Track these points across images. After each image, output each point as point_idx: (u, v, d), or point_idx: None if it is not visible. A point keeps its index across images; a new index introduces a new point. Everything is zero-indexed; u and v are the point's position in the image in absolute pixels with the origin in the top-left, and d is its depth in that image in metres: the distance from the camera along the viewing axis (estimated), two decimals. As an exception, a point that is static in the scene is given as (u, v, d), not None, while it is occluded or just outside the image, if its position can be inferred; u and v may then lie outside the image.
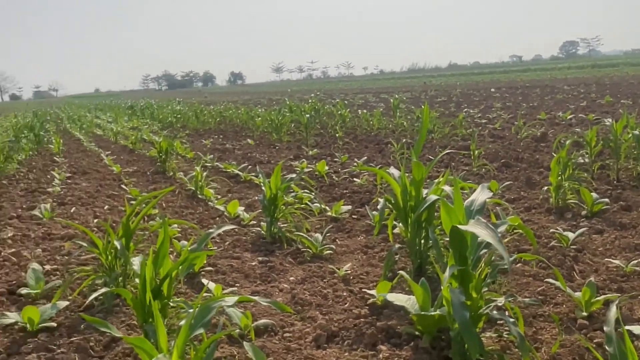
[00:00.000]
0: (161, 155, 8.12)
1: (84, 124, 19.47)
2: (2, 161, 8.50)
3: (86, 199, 6.20)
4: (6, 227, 4.98)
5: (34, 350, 2.60)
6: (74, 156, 10.69)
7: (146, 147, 11.20)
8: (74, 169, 8.67)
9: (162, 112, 21.37)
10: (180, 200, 6.01)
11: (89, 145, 12.40)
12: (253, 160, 8.59)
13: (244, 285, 3.42)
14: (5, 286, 3.44)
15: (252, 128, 13.52)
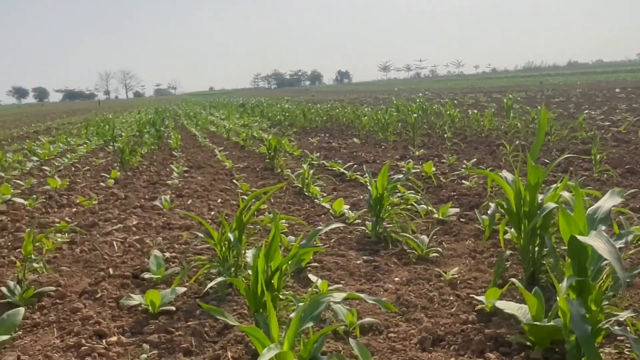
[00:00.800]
0: (270, 152, 8.39)
1: (199, 120, 20.57)
2: (128, 154, 9.18)
3: (201, 192, 6.56)
4: (131, 216, 5.40)
5: (155, 331, 2.80)
6: (190, 151, 11.33)
7: (256, 144, 11.63)
8: (190, 163, 9.19)
9: (271, 110, 22.06)
10: (288, 196, 6.18)
11: (204, 141, 13.07)
12: (359, 159, 8.64)
13: (348, 283, 3.46)
14: (130, 270, 3.73)
15: (358, 127, 13.59)
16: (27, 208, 6.10)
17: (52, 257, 4.15)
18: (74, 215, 5.68)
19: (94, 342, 2.68)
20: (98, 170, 8.94)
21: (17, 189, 7.32)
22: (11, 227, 5.23)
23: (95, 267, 3.88)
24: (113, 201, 6.27)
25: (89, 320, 2.93)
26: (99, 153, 11.71)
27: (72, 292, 3.39)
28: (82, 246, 4.40)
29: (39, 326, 2.95)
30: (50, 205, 6.22)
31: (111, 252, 4.21)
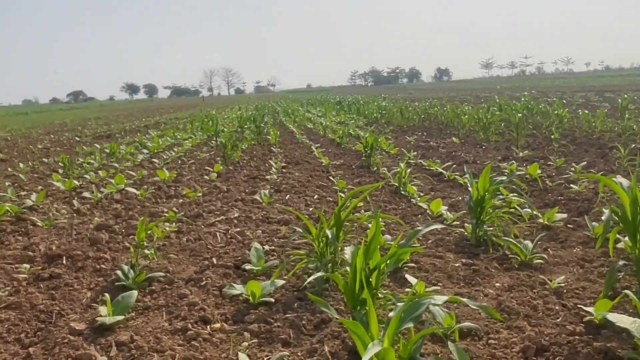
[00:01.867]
0: (366, 150, 8.40)
1: (296, 117, 20.98)
2: (230, 149, 9.56)
3: (298, 188, 6.69)
4: (233, 209, 5.62)
5: (255, 321, 2.90)
6: (288, 147, 11.59)
7: (352, 141, 11.69)
8: (288, 159, 9.41)
9: (368, 108, 22.05)
10: (384, 195, 6.16)
11: (301, 137, 13.32)
12: (458, 159, 8.43)
13: (446, 286, 3.39)
14: (232, 261, 3.89)
15: (458, 126, 13.27)
16: (139, 198, 6.53)
17: (161, 244, 4.41)
18: (181, 206, 6.00)
19: (199, 327, 2.83)
20: (202, 164, 9.38)
21: (130, 180, 7.86)
22: (125, 215, 5.62)
23: (200, 256, 4.08)
24: (216, 194, 6.56)
25: (194, 306, 3.09)
26: (203, 147, 12.27)
27: (179, 278, 3.59)
28: (188, 235, 4.64)
29: (150, 309, 3.15)
30: (160, 196, 6.62)
31: (214, 243, 4.41)
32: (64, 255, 4.17)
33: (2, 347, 2.75)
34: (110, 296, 3.06)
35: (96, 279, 3.69)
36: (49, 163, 10.84)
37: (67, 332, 2.81)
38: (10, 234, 5.10)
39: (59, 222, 5.43)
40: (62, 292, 3.44)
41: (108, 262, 4.02)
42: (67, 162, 9.15)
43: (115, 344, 2.67)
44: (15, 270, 3.92)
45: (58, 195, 6.99)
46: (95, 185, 7.50)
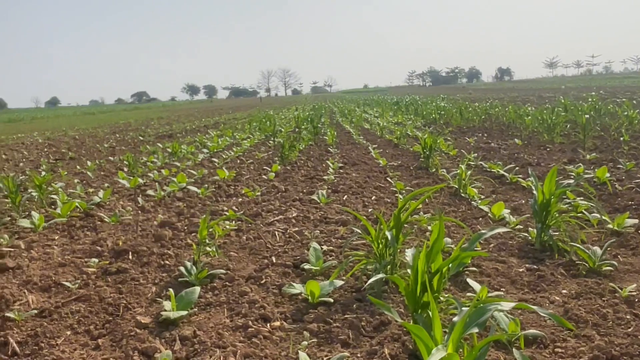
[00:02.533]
0: (425, 151, 8.29)
1: (353, 117, 20.95)
2: (287, 149, 9.64)
3: (356, 189, 6.67)
4: (291, 208, 5.66)
5: (314, 320, 2.91)
6: (345, 148, 11.58)
7: (409, 142, 11.56)
8: (345, 160, 9.40)
9: (426, 108, 21.76)
10: (443, 197, 6.06)
11: (358, 138, 13.29)
12: (520, 161, 8.19)
13: (509, 291, 3.30)
14: (291, 260, 3.92)
15: (520, 127, 12.90)
16: (200, 196, 6.69)
17: (221, 242, 4.50)
18: (240, 204, 6.10)
19: (260, 325, 2.86)
20: (260, 164, 9.51)
21: (191, 178, 8.06)
22: (187, 213, 5.76)
23: (259, 255, 4.13)
24: (274, 193, 6.63)
25: (254, 304, 3.13)
26: (261, 147, 12.44)
27: (239, 276, 3.64)
28: (248, 234, 4.71)
29: (211, 305, 3.22)
30: (219, 195, 6.75)
31: (273, 242, 4.46)
32: (130, 250, 4.32)
33: (73, 338, 2.87)
34: (174, 291, 3.15)
35: (160, 274, 3.80)
36: (114, 161, 11.26)
37: (133, 325, 2.91)
38: (80, 229, 5.33)
39: (124, 218, 5.63)
40: (128, 286, 3.56)
41: (171, 258, 4.13)
42: (132, 160, 9.48)
43: (179, 339, 2.74)
44: (84, 264, 4.09)
45: (123, 193, 7.25)
46: (159, 184, 7.74)
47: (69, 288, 3.57)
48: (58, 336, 2.86)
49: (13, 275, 3.90)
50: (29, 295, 3.44)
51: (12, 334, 2.87)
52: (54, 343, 2.79)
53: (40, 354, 2.67)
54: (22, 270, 4.02)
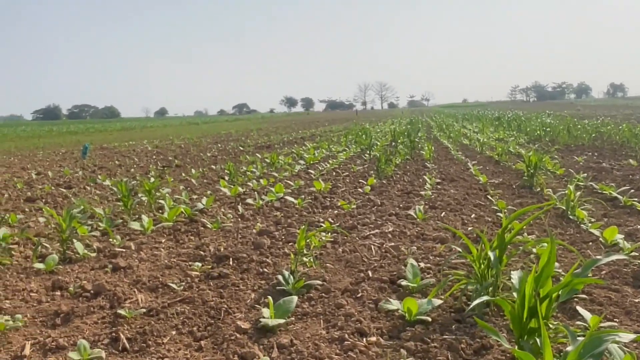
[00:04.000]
0: (529, 169, 7.93)
1: (451, 132, 20.51)
2: (384, 163, 9.60)
3: (454, 206, 6.50)
4: (387, 223, 5.61)
5: (411, 338, 2.85)
6: (442, 163, 11.35)
7: (512, 159, 11.12)
8: (443, 176, 9.21)
9: (530, 124, 20.88)
10: (549, 218, 5.75)
11: (456, 153, 12.98)
12: (636, 183, 7.61)
13: (623, 322, 3.06)
14: (387, 275, 3.88)
15: (635, 147, 12.02)
16: (297, 206, 6.80)
17: (318, 253, 4.54)
18: (336, 217, 6.14)
19: (356, 339, 2.85)
20: (356, 177, 9.54)
21: (288, 189, 8.23)
22: (284, 222, 5.88)
23: (355, 268, 4.12)
24: (370, 207, 6.61)
25: (351, 317, 3.12)
26: (357, 160, 12.48)
27: (335, 288, 3.65)
28: (344, 246, 4.72)
29: (308, 315, 3.24)
30: (316, 206, 6.83)
31: (369, 256, 4.43)
32: (231, 256, 4.47)
33: (178, 338, 3.00)
34: (272, 299, 3.21)
35: (259, 281, 3.90)
36: (216, 170, 11.75)
37: (233, 330, 3.00)
38: (184, 233, 5.59)
39: (225, 225, 5.84)
40: (229, 291, 3.68)
41: (270, 266, 4.22)
42: (233, 170, 9.85)
43: (277, 346, 2.79)
44: (189, 267, 4.28)
45: (225, 200, 7.53)
46: (257, 193, 7.97)
47: (175, 289, 3.74)
48: (164, 335, 3.01)
49: (124, 275, 4.16)
50: (138, 294, 3.64)
51: (123, 330, 3.05)
52: (160, 342, 2.93)
53: (148, 352, 2.82)
54: (133, 270, 4.27)
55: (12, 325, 3.15)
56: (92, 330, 3.12)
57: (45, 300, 3.65)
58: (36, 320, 3.31)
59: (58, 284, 3.94)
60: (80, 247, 4.78)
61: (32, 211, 7.24)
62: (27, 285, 4.00)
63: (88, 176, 11.15)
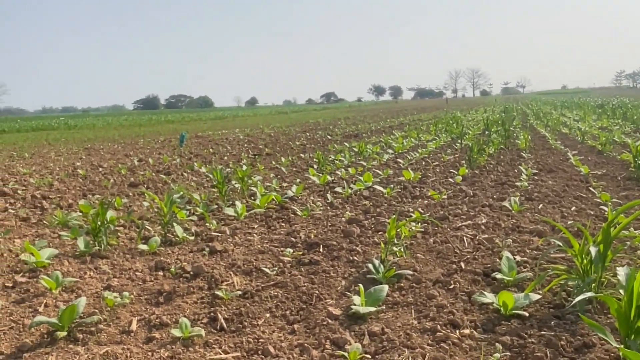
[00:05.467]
0: (636, 159, 7.41)
1: (549, 121, 19.55)
2: (476, 153, 9.31)
3: (552, 197, 6.21)
4: (480, 214, 5.46)
5: (507, 333, 2.76)
6: (540, 153, 10.85)
7: (616, 149, 10.45)
8: (540, 166, 8.80)
9: (637, 112, 19.46)
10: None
11: (554, 143, 12.35)
12: None
13: None
14: (481, 268, 3.78)
15: None
16: (385, 196, 6.77)
17: (408, 243, 4.50)
18: (426, 207, 6.05)
19: (448, 331, 2.80)
20: (446, 166, 9.33)
21: (377, 178, 8.20)
22: (373, 211, 5.87)
23: (447, 259, 4.05)
24: (461, 197, 6.45)
25: (443, 308, 3.08)
26: (447, 149, 12.20)
27: (426, 279, 3.61)
28: (435, 237, 4.65)
29: (399, 305, 3.23)
30: (405, 195, 6.77)
31: (461, 247, 4.33)
32: (321, 244, 4.53)
33: (272, 321, 3.09)
34: (362, 287, 3.22)
35: (349, 269, 3.92)
36: (305, 158, 11.92)
37: (325, 315, 3.04)
38: (275, 220, 5.73)
39: (315, 213, 5.92)
40: (320, 277, 3.74)
41: (359, 254, 4.24)
42: (321, 158, 9.95)
43: (368, 334, 2.80)
44: (280, 253, 4.39)
45: (314, 189, 7.64)
46: (346, 181, 8.00)
47: (268, 274, 3.85)
48: (259, 317, 3.11)
49: (220, 258, 4.34)
50: (234, 277, 3.79)
51: (220, 311, 3.18)
52: (255, 323, 3.03)
53: (244, 332, 2.93)
54: (228, 253, 4.44)
55: (120, 301, 3.38)
56: (192, 310, 3.29)
57: (149, 280, 3.88)
58: (141, 298, 3.53)
59: (160, 264, 4.18)
60: (180, 231, 5.03)
61: (135, 195, 7.70)
62: (132, 265, 4.27)
63: (185, 163, 11.69)
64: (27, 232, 5.55)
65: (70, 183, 9.03)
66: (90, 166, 11.61)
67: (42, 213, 6.54)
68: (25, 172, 10.74)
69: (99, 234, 4.73)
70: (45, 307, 3.38)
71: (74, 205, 7.01)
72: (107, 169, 11.12)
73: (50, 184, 8.91)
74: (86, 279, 3.95)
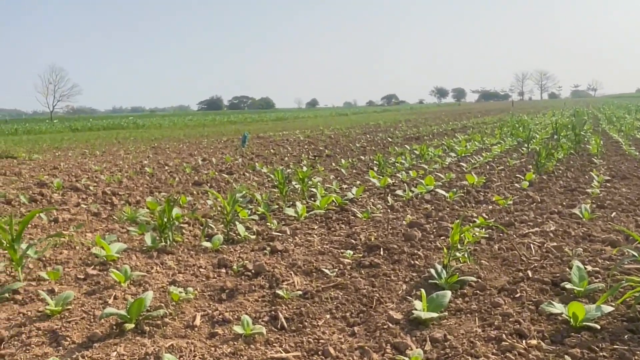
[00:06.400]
0: None
1: (622, 125, 18.64)
2: (544, 157, 8.99)
3: (626, 206, 5.90)
4: (548, 221, 5.26)
5: (576, 345, 2.64)
6: (612, 159, 10.35)
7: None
8: (613, 173, 8.40)
9: None
10: None
11: (629, 149, 11.75)
12: None
13: None
14: (549, 276, 3.63)
15: None
16: (448, 200, 6.64)
17: (471, 249, 4.39)
18: (490, 212, 5.89)
19: (514, 340, 2.71)
20: (512, 171, 9.06)
21: (439, 181, 8.06)
22: (435, 215, 5.77)
23: (512, 267, 3.92)
24: (528, 203, 6.24)
25: (508, 317, 2.98)
26: (513, 154, 11.85)
27: (491, 286, 3.51)
28: (500, 244, 4.51)
29: (462, 312, 3.15)
30: (468, 200, 6.61)
31: (528, 255, 4.18)
32: (381, 246, 4.49)
33: (332, 322, 3.09)
34: (424, 292, 3.17)
35: (410, 273, 3.87)
36: (365, 160, 11.87)
37: (385, 319, 3.01)
38: (335, 221, 5.73)
39: (375, 215, 5.88)
40: (380, 280, 3.70)
41: (421, 259, 4.17)
42: (382, 160, 9.88)
43: (430, 340, 2.75)
44: (340, 254, 4.38)
45: (374, 191, 7.59)
46: (407, 184, 7.91)
47: (328, 275, 3.85)
48: (319, 318, 3.11)
49: (281, 257, 4.37)
50: (294, 276, 3.81)
51: (281, 310, 3.21)
52: (315, 324, 3.03)
53: (304, 332, 2.94)
54: (289, 253, 4.48)
55: (185, 297, 3.46)
56: (254, 307, 3.33)
57: (212, 276, 3.97)
58: (205, 294, 3.60)
59: (223, 262, 4.26)
60: (242, 229, 5.12)
61: (198, 194, 7.90)
62: (196, 261, 4.38)
63: (247, 163, 11.89)
64: (97, 227, 5.79)
65: (138, 180, 9.36)
66: (157, 164, 12.01)
67: (111, 209, 6.81)
68: (97, 169, 11.24)
69: (165, 230, 4.87)
70: (114, 299, 3.51)
71: (141, 202, 7.27)
72: (173, 167, 11.46)
73: (120, 180, 9.27)
74: (153, 273, 4.07)
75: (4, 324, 3.17)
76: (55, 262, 4.42)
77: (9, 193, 7.83)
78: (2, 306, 3.46)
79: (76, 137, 26.85)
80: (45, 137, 28.38)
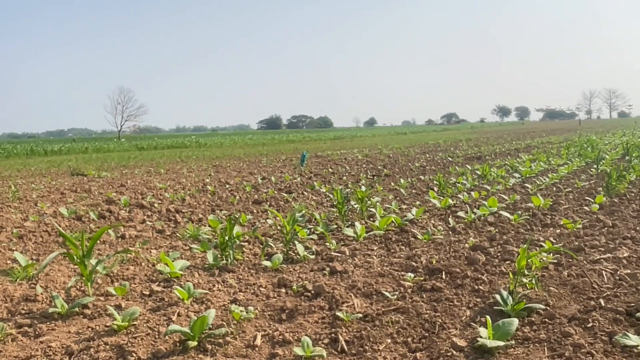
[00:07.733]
0: None
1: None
2: (615, 179, 8.59)
3: None
4: (621, 247, 5.00)
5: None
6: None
7: None
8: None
9: None
10: None
11: None
12: None
13: None
14: (623, 306, 3.44)
15: None
16: (512, 222, 6.43)
17: (539, 275, 4.22)
18: (558, 236, 5.65)
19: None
20: (581, 193, 8.70)
21: (502, 203, 7.83)
22: (499, 239, 5.60)
23: (583, 295, 3.73)
24: (599, 228, 5.96)
25: (580, 348, 2.83)
26: (581, 175, 11.40)
27: (560, 314, 3.35)
28: (569, 270, 4.31)
29: (529, 341, 3.02)
30: (534, 223, 6.38)
31: (600, 282, 3.98)
32: (443, 270, 4.38)
33: (393, 347, 3.03)
34: (489, 319, 3.06)
35: (474, 298, 3.75)
36: (425, 180, 11.71)
37: (449, 346, 2.92)
38: (395, 242, 5.65)
39: (436, 237, 5.77)
40: (443, 305, 3.60)
41: (485, 284, 4.04)
42: (442, 181, 9.71)
43: (496, 370, 2.64)
44: (401, 277, 4.31)
45: (434, 212, 7.46)
46: (469, 206, 7.73)
47: (388, 298, 3.79)
48: (380, 342, 3.06)
49: (341, 279, 4.34)
50: (354, 298, 3.77)
51: (341, 332, 3.17)
52: (376, 348, 2.98)
53: (365, 357, 2.89)
54: (348, 274, 4.44)
55: (246, 316, 3.49)
56: (313, 329, 3.31)
57: (272, 296, 3.98)
58: (265, 313, 3.62)
59: (283, 281, 4.27)
60: (301, 249, 5.13)
61: (258, 212, 8.00)
62: (256, 280, 4.41)
63: (305, 182, 11.97)
64: (162, 244, 5.96)
65: (200, 198, 9.59)
66: (218, 182, 12.28)
67: (175, 226, 7.00)
68: (161, 186, 11.60)
69: (226, 249, 4.95)
70: (177, 316, 3.57)
71: (203, 220, 7.42)
72: (233, 185, 11.68)
73: (183, 198, 9.53)
74: (214, 291, 4.13)
75: (74, 337, 3.28)
76: (122, 278, 4.57)
77: (79, 209, 8.19)
78: (72, 320, 3.60)
79: (142, 156, 27.90)
80: (113, 155, 29.66)
